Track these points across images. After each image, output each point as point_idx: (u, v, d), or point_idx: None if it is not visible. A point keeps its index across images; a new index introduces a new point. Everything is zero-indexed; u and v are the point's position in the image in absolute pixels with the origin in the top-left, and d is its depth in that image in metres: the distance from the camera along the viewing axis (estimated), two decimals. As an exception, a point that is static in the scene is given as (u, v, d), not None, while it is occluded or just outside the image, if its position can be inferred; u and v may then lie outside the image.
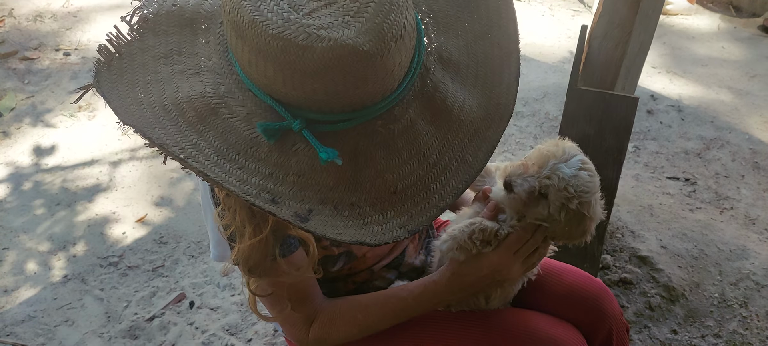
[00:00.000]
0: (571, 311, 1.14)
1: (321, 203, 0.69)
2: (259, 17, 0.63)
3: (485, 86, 0.78)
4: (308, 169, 0.69)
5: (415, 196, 0.72)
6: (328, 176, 0.69)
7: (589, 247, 1.79)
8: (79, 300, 1.95)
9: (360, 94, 0.68)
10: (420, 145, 0.73)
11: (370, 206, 0.70)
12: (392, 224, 0.70)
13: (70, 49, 3.34)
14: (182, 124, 0.70)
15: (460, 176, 0.74)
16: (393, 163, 0.71)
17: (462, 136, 0.75)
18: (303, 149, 0.69)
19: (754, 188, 2.58)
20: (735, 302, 1.93)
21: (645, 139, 2.93)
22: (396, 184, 0.71)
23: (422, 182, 0.72)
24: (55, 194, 2.39)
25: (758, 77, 3.54)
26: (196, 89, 0.71)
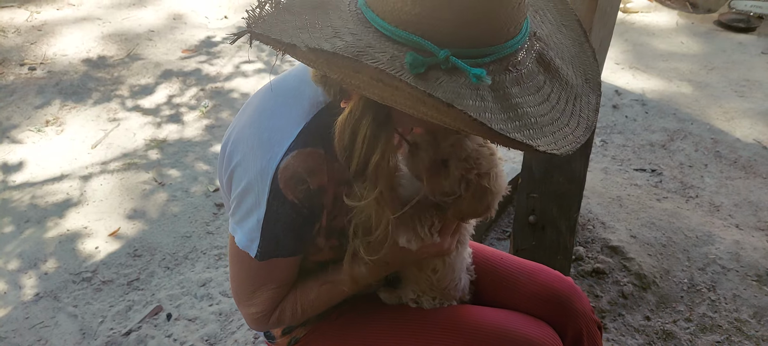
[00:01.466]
0: (542, 310, 1.16)
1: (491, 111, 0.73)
2: None
3: (570, 64, 0.87)
4: (455, 97, 0.71)
5: (554, 132, 0.77)
6: (474, 101, 0.72)
7: (561, 239, 1.83)
8: (52, 318, 1.91)
9: (499, 20, 0.74)
10: (545, 94, 0.80)
11: (517, 132, 0.73)
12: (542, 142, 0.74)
13: (36, 64, 3.28)
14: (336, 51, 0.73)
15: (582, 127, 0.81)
16: (528, 99, 0.77)
17: (570, 94, 0.83)
18: (446, 81, 0.72)
19: (717, 176, 2.68)
20: (703, 286, 1.99)
21: (612, 133, 3.00)
22: (535, 117, 0.76)
23: (556, 123, 0.78)
24: (24, 210, 2.34)
25: (716, 70, 3.67)
26: (339, 43, 0.74)
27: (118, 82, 3.20)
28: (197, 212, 2.36)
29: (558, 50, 0.87)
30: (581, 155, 1.80)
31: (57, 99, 3.03)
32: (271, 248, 0.94)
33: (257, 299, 1.00)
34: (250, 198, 0.92)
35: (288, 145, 0.89)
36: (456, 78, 0.72)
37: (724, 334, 1.84)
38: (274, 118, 0.93)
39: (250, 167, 0.91)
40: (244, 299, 1.02)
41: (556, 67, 0.83)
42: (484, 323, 1.09)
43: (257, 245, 0.93)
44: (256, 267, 0.97)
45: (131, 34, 3.67)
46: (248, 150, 0.92)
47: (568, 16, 0.94)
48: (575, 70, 0.87)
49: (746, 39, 4.07)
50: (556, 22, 0.92)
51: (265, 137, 0.91)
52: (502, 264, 1.25)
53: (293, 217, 0.92)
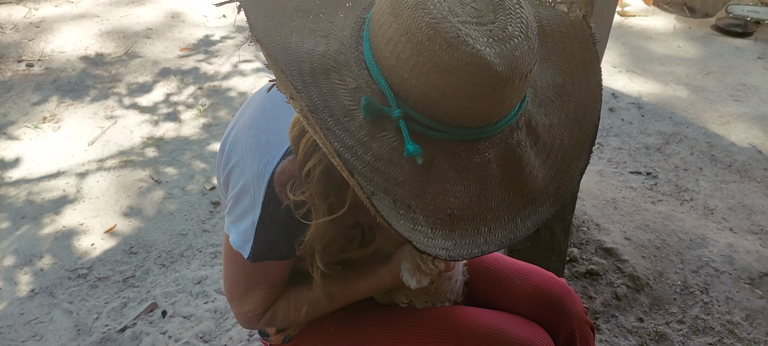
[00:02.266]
0: (536, 311, 1.17)
1: (384, 191, 0.72)
2: (421, 5, 0.69)
3: (553, 168, 0.83)
4: (386, 157, 0.71)
5: (465, 229, 0.75)
6: (400, 171, 0.72)
7: (556, 240, 1.84)
8: (48, 314, 1.91)
9: (467, 110, 0.71)
10: (486, 187, 0.76)
11: (424, 217, 0.72)
12: (437, 242, 0.73)
13: (33, 60, 3.28)
14: (295, 70, 0.73)
15: (504, 233, 0.78)
16: (459, 189, 0.74)
17: (521, 198, 0.79)
18: (389, 138, 0.72)
19: (712, 180, 2.69)
20: (696, 288, 2.00)
21: (608, 135, 3.02)
22: (454, 209, 0.74)
23: (475, 220, 0.76)
24: (20, 207, 2.34)
25: (713, 74, 3.69)
26: (319, 48, 0.75)
27: (115, 80, 3.21)
28: (193, 210, 2.36)
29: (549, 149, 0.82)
30: (576, 157, 1.81)
31: (54, 96, 3.03)
32: (264, 251, 0.94)
33: (250, 299, 1.01)
34: (246, 200, 0.93)
35: (285, 149, 0.89)
36: (400, 139, 0.71)
37: (716, 336, 1.85)
38: (272, 120, 0.93)
39: (247, 169, 0.92)
40: (237, 298, 1.02)
41: (521, 166, 0.78)
42: (477, 325, 1.10)
43: (250, 246, 0.93)
44: (250, 267, 0.97)
45: (129, 32, 3.67)
46: (246, 151, 0.93)
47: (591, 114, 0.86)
48: (552, 174, 0.82)
49: (743, 44, 4.09)
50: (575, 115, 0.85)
51: (263, 140, 0.92)
52: (497, 265, 1.26)
53: (287, 221, 0.92)
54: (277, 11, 0.77)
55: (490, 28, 0.70)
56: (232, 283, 1.02)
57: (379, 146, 0.71)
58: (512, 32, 0.70)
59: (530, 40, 0.71)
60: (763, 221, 2.41)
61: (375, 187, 0.71)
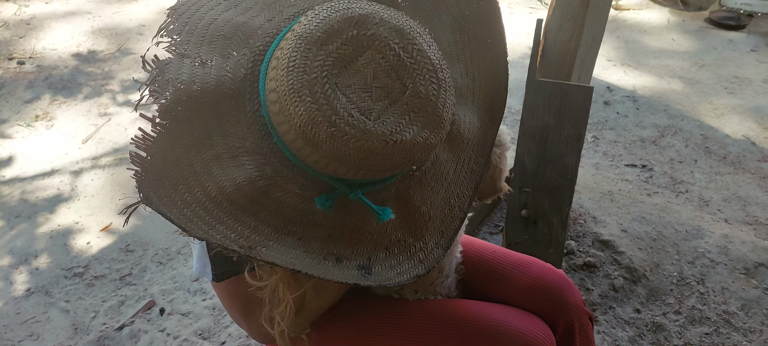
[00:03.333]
0: (534, 302, 1.17)
1: (375, 248, 0.75)
2: (337, 133, 0.66)
3: (482, 100, 0.86)
4: (361, 223, 0.75)
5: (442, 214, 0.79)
6: (378, 224, 0.75)
7: (553, 233, 1.84)
8: (44, 313, 1.90)
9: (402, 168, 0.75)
10: (442, 172, 0.80)
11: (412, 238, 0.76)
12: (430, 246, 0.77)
13: (24, 58, 3.25)
14: (237, 212, 0.70)
15: (470, 183, 0.82)
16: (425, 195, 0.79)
17: (470, 150, 0.84)
18: (354, 206, 0.74)
19: (707, 172, 2.71)
20: (693, 279, 2.02)
21: (603, 129, 3.03)
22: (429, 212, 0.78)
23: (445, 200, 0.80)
24: (14, 206, 2.32)
25: (707, 67, 3.70)
26: (241, 175, 0.70)
27: (108, 77, 3.18)
28: (190, 207, 2.35)
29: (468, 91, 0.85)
30: (573, 150, 1.82)
31: (47, 94, 3.00)
32: (226, 269, 0.92)
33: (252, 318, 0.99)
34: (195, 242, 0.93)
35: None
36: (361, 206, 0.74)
37: (712, 326, 1.86)
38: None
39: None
40: (243, 322, 1.01)
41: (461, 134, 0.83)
42: (476, 317, 1.10)
43: (210, 269, 0.92)
44: (231, 287, 0.96)
45: (121, 29, 3.64)
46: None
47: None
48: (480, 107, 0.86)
49: (736, 36, 4.11)
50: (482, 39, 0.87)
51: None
52: (495, 257, 1.26)
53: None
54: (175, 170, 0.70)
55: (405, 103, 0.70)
56: (229, 309, 1.01)
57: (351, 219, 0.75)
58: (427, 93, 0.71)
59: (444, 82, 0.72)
60: (757, 211, 2.43)
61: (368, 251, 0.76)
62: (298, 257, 0.71)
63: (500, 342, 1.06)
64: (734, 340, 1.82)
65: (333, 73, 0.68)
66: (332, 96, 0.66)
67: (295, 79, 0.66)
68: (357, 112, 0.67)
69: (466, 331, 1.08)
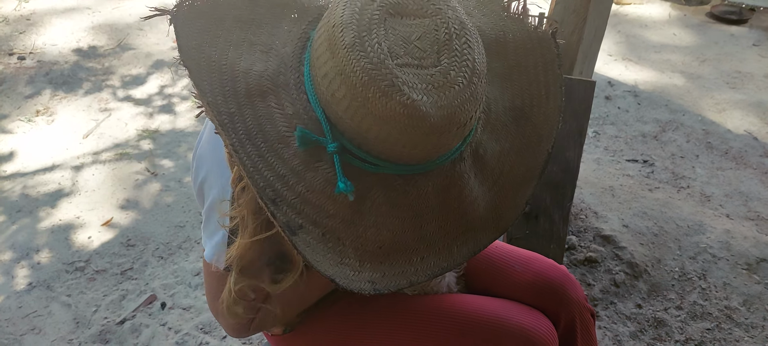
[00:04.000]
0: (536, 298, 1.16)
1: (313, 223, 0.70)
2: (358, 46, 0.65)
3: (498, 195, 0.80)
4: (319, 189, 0.70)
5: (394, 260, 0.73)
6: (332, 204, 0.70)
7: (555, 228, 1.84)
8: (46, 307, 1.90)
9: (403, 153, 0.70)
10: (422, 218, 0.74)
11: (353, 249, 0.71)
12: (364, 276, 0.71)
13: (25, 53, 3.24)
14: (229, 91, 0.70)
15: (439, 261, 0.76)
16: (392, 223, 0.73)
17: (458, 227, 0.77)
18: (324, 169, 0.70)
19: (708, 167, 2.70)
20: (694, 274, 2.02)
21: (604, 124, 3.02)
22: (385, 241, 0.72)
23: (406, 251, 0.74)
24: (16, 201, 2.32)
25: (708, 62, 3.69)
26: (257, 67, 0.72)
27: (109, 72, 3.18)
28: (190, 202, 2.35)
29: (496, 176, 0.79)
30: (575, 144, 1.82)
31: (47, 89, 3.00)
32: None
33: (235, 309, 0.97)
34: (215, 215, 0.92)
35: None
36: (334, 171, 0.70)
37: (714, 321, 1.86)
38: None
39: (213, 185, 0.90)
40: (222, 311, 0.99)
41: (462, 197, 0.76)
42: (478, 312, 1.09)
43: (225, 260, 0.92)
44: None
45: (121, 24, 3.64)
46: (210, 168, 0.91)
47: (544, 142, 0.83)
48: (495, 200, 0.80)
49: (738, 31, 4.09)
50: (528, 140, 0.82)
51: (222, 156, 0.89)
52: (497, 252, 1.26)
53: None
54: (214, 23, 0.73)
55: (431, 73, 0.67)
56: (214, 296, 0.99)
57: (313, 177, 0.70)
58: (455, 78, 0.67)
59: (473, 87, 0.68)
60: (759, 207, 2.43)
61: (304, 219, 0.69)
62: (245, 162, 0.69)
63: (502, 337, 1.06)
64: (736, 335, 1.82)
65: (388, 11, 0.68)
66: (372, 23, 0.67)
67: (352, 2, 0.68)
68: (386, 48, 0.66)
69: (467, 326, 1.07)
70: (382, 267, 0.72)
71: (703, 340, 1.81)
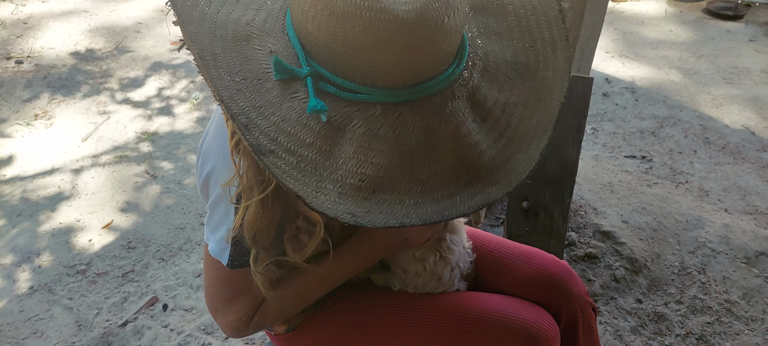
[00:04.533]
0: (538, 293, 1.17)
1: (287, 152, 0.68)
2: None
3: (507, 147, 0.77)
4: (294, 118, 0.69)
5: (381, 198, 0.69)
6: (309, 133, 0.69)
7: (554, 224, 1.85)
8: (48, 311, 1.90)
9: (375, 66, 0.68)
10: (412, 157, 0.71)
11: (331, 182, 0.68)
12: (343, 207, 0.68)
13: (22, 57, 3.24)
14: (216, 36, 0.73)
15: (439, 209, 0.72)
16: (376, 157, 0.70)
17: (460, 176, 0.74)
18: (300, 98, 0.70)
19: (706, 162, 2.71)
20: (694, 269, 2.02)
21: (602, 120, 3.03)
22: (368, 175, 0.69)
23: (396, 191, 0.70)
24: (16, 204, 2.32)
25: (705, 57, 3.70)
26: (246, 17, 0.75)
27: (107, 75, 3.18)
28: (191, 204, 2.35)
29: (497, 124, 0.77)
30: (574, 141, 1.82)
31: (45, 92, 3.00)
32: (244, 258, 0.92)
33: (235, 307, 0.98)
34: (220, 209, 0.92)
35: None
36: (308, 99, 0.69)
37: (714, 315, 1.87)
38: None
39: (220, 179, 0.90)
40: (221, 308, 0.99)
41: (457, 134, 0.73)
42: (480, 309, 1.10)
43: (228, 254, 0.92)
44: (232, 274, 0.95)
45: (119, 27, 3.64)
46: (217, 161, 0.91)
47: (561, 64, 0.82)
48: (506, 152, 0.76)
49: (734, 26, 4.11)
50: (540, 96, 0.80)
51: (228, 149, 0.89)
52: (499, 249, 1.26)
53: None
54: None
55: None
56: (214, 293, 0.99)
57: (289, 107, 0.69)
58: None
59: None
60: (757, 201, 2.44)
61: (277, 146, 0.68)
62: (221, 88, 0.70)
63: (504, 333, 1.06)
64: (736, 329, 1.83)
65: None
66: None
67: None
68: None
69: (470, 323, 1.08)
70: (367, 204, 0.69)
71: (704, 334, 1.82)
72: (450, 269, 1.14)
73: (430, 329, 1.10)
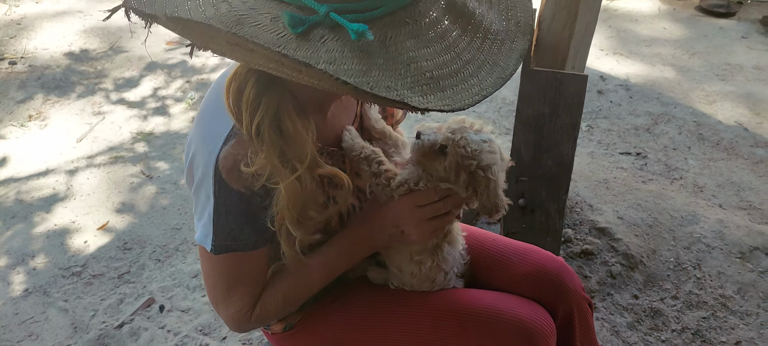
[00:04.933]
0: (534, 289, 1.17)
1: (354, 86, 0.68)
2: None
3: (502, 8, 0.81)
4: (339, 57, 0.67)
5: (454, 85, 0.71)
6: (360, 61, 0.68)
7: (551, 221, 1.86)
8: (43, 313, 1.90)
9: None
10: (450, 42, 0.74)
11: (408, 89, 0.68)
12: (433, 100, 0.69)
13: (16, 58, 3.22)
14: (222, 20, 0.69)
15: (495, 75, 0.75)
16: (426, 52, 0.71)
17: (490, 43, 0.77)
18: (331, 39, 0.68)
19: (700, 158, 2.73)
20: (689, 264, 2.03)
21: (597, 118, 3.04)
22: (432, 71, 0.71)
23: (459, 74, 0.72)
24: (10, 206, 2.31)
25: (698, 54, 3.72)
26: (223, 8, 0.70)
27: (101, 76, 3.16)
28: (187, 204, 2.35)
29: None
30: (569, 138, 1.83)
31: (39, 93, 2.98)
32: (226, 242, 0.93)
33: (233, 298, 0.99)
34: (202, 194, 0.92)
35: (226, 135, 0.89)
36: (341, 36, 0.68)
37: (709, 310, 1.88)
38: (216, 112, 0.92)
39: (199, 164, 0.91)
40: (221, 300, 1.00)
41: (469, 12, 0.77)
42: (477, 306, 1.10)
43: (211, 239, 0.93)
44: (225, 264, 0.96)
45: (113, 27, 3.62)
46: (197, 148, 0.92)
47: None
48: (503, 14, 0.81)
49: (727, 24, 4.13)
50: None
51: (206, 132, 0.91)
52: (495, 246, 1.27)
53: (243, 206, 0.91)
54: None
55: None
56: (212, 285, 1.00)
57: (327, 50, 0.67)
58: None
59: None
60: (751, 196, 2.45)
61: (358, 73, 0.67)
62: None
63: (501, 329, 1.07)
64: (731, 323, 1.84)
65: None
66: None
67: None
68: None
69: (466, 320, 1.08)
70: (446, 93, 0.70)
71: (699, 328, 1.83)
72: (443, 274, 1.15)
73: (427, 326, 1.10)
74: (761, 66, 3.55)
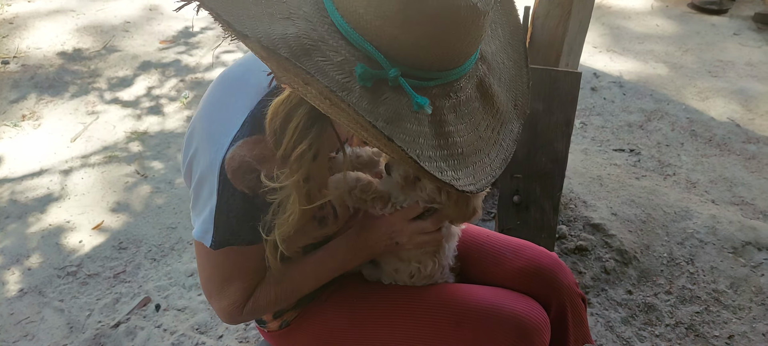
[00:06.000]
0: (528, 284, 1.19)
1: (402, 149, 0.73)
2: None
3: (506, 88, 0.89)
4: (395, 118, 0.72)
5: (475, 162, 0.79)
6: (411, 125, 0.74)
7: (545, 218, 1.87)
8: (38, 313, 1.89)
9: (452, 51, 0.75)
10: (477, 120, 0.82)
11: (444, 162, 0.75)
12: (464, 182, 0.76)
13: (9, 58, 3.20)
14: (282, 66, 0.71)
15: (501, 157, 0.84)
16: (460, 128, 0.79)
17: (497, 121, 0.85)
18: (391, 98, 0.73)
19: (693, 154, 2.75)
20: (682, 259, 2.05)
21: (591, 115, 3.06)
22: (462, 147, 0.78)
23: (478, 152, 0.81)
24: (4, 206, 2.30)
25: (690, 51, 3.75)
26: (291, 31, 0.72)
27: (95, 75, 3.15)
28: (182, 203, 2.34)
29: (498, 73, 0.88)
30: (563, 135, 1.84)
31: (33, 93, 2.97)
32: (225, 237, 0.94)
33: (228, 291, 1.00)
34: (204, 190, 0.93)
35: (233, 135, 0.89)
36: (400, 97, 0.73)
37: (703, 305, 1.90)
38: (221, 109, 0.93)
39: (201, 160, 0.92)
40: (215, 293, 1.01)
41: (492, 93, 0.84)
42: (471, 301, 1.11)
43: (211, 235, 0.93)
44: (222, 258, 0.97)
45: (107, 26, 3.61)
46: (200, 143, 0.93)
47: (517, 35, 0.96)
48: (508, 94, 0.89)
49: (719, 21, 4.15)
50: (504, 39, 0.93)
51: (212, 129, 0.92)
52: (489, 241, 1.27)
53: (246, 206, 0.92)
54: (231, 4, 0.74)
55: None
56: (207, 278, 1.01)
57: (385, 109, 0.72)
58: None
59: None
60: (743, 192, 2.48)
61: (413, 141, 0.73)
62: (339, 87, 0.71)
63: (495, 324, 1.08)
64: (724, 317, 1.86)
65: None
66: None
67: None
68: None
69: (461, 315, 1.09)
70: (470, 171, 0.78)
71: (693, 323, 1.84)
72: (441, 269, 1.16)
73: (422, 322, 1.11)
74: (753, 62, 3.58)
